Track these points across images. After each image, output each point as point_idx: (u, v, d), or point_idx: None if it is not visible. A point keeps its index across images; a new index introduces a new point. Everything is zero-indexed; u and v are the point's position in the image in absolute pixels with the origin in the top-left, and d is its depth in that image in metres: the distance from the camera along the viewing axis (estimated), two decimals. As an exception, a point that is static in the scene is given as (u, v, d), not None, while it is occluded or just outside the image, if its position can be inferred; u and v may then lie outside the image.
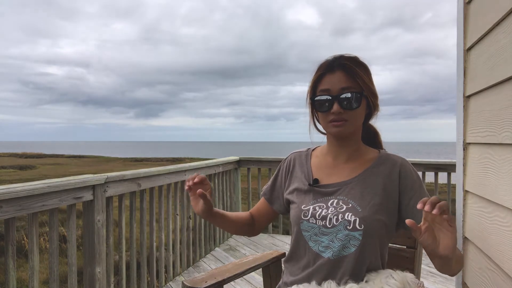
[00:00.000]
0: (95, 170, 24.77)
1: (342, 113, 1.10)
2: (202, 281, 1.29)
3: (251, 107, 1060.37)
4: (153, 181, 2.85)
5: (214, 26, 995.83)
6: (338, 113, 1.10)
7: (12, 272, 1.72)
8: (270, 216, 1.36)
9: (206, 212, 1.16)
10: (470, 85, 1.27)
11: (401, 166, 1.15)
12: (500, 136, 1.02)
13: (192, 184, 1.11)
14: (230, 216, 1.28)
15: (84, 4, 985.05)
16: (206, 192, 1.12)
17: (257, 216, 1.36)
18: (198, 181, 1.11)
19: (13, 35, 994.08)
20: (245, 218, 1.33)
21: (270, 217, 1.36)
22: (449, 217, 0.85)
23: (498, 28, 1.03)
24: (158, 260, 3.02)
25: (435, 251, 0.87)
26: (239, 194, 4.54)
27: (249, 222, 1.34)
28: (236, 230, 1.32)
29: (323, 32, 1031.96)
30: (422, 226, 0.87)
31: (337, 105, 1.09)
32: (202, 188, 1.13)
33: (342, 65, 1.11)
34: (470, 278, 1.27)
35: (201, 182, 1.12)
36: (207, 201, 1.13)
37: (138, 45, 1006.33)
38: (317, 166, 1.24)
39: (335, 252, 1.09)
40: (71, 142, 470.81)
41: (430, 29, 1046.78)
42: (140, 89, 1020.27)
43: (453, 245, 0.86)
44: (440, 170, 3.88)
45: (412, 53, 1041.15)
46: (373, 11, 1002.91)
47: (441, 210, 0.82)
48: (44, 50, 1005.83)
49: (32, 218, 1.83)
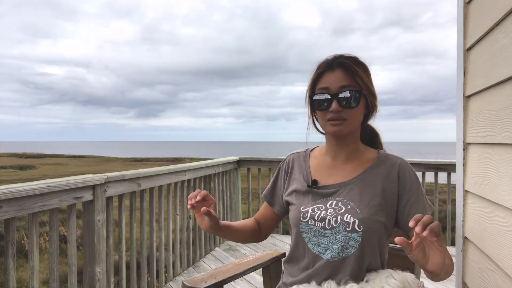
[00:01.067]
0: (95, 170, 24.74)
1: (341, 111, 1.09)
2: (202, 281, 1.29)
3: (251, 107, 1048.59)
4: (153, 181, 2.85)
5: (214, 26, 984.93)
6: (336, 112, 1.09)
7: (12, 272, 1.72)
8: (274, 219, 1.34)
9: (213, 228, 1.14)
10: (470, 85, 1.27)
11: (400, 167, 1.15)
12: (500, 136, 1.02)
13: (195, 203, 1.09)
14: (237, 226, 1.26)
15: (84, 4, 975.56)
16: (210, 208, 1.09)
17: (263, 221, 1.34)
18: (200, 199, 1.08)
19: (13, 35, 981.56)
20: (251, 226, 1.31)
21: (275, 221, 1.34)
22: (439, 240, 0.85)
23: (498, 28, 1.03)
24: (158, 260, 3.02)
25: (424, 267, 0.89)
26: (239, 194, 4.54)
27: (255, 229, 1.32)
28: (244, 239, 1.30)
29: (323, 32, 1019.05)
30: (413, 241, 0.86)
31: (335, 103, 1.09)
32: (205, 204, 1.10)
33: (342, 63, 1.11)
34: (470, 278, 1.27)
35: (203, 199, 1.09)
36: (212, 218, 1.10)
37: (138, 45, 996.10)
38: (316, 167, 1.24)
39: (334, 254, 1.08)
40: (71, 142, 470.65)
41: (429, 29, 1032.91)
42: (140, 89, 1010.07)
43: (441, 263, 0.87)
44: (440, 170, 3.88)
45: (412, 53, 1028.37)
46: (373, 11, 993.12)
47: (431, 232, 0.81)
48: (44, 50, 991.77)
49: (32, 218, 1.83)
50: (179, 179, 3.22)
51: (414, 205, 1.11)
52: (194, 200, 1.08)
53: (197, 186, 3.59)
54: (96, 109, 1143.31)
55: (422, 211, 1.11)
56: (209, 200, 1.11)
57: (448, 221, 3.93)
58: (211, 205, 1.11)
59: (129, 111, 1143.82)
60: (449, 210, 3.95)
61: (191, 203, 1.09)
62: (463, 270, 1.34)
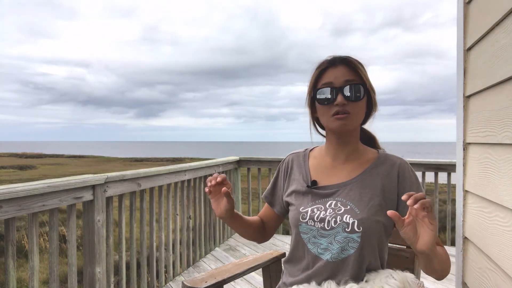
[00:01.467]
0: (95, 170, 24.76)
1: (346, 104, 1.09)
2: (202, 281, 1.29)
3: (251, 107, 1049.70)
4: (153, 181, 2.85)
5: (214, 26, 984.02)
6: (342, 105, 1.09)
7: (12, 272, 1.72)
8: (276, 220, 1.34)
9: (229, 212, 1.14)
10: (470, 85, 1.27)
11: (400, 167, 1.15)
12: (500, 136, 1.02)
13: (213, 185, 1.09)
14: (248, 219, 1.27)
15: (84, 4, 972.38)
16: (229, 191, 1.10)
17: (266, 221, 1.35)
18: (220, 181, 1.08)
19: (13, 35, 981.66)
20: (258, 222, 1.32)
21: (276, 221, 1.34)
22: (430, 215, 0.87)
23: (498, 28, 1.03)
24: (158, 260, 3.02)
25: (414, 245, 0.90)
26: (239, 194, 4.55)
27: (261, 226, 1.33)
28: (252, 234, 1.30)
29: (323, 33, 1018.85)
30: (406, 219, 0.89)
31: (341, 96, 1.08)
32: (223, 188, 1.11)
33: (344, 60, 1.13)
34: (470, 278, 1.27)
35: (222, 182, 1.10)
36: (230, 200, 1.11)
37: (138, 45, 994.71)
38: (315, 167, 1.24)
39: (334, 255, 1.08)
40: (71, 142, 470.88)
41: (429, 29, 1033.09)
42: (140, 89, 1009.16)
43: (431, 242, 0.88)
44: (440, 170, 3.88)
45: (411, 53, 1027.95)
46: (372, 11, 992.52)
47: (422, 206, 0.85)
48: (44, 50, 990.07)
49: (32, 218, 1.82)
50: (179, 179, 3.22)
51: None
52: (214, 181, 1.08)
53: (197, 186, 3.59)
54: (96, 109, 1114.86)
55: None
56: (227, 184, 1.11)
57: (448, 221, 3.93)
58: (229, 189, 1.10)
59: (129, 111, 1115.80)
60: (449, 210, 3.95)
61: (209, 186, 1.09)
62: (463, 270, 1.34)
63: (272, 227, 1.35)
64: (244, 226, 1.25)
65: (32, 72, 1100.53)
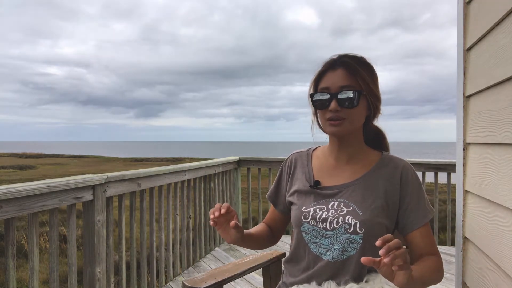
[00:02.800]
0: (95, 170, 24.75)
1: (339, 111, 1.08)
2: (202, 281, 1.29)
3: (251, 107, 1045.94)
4: (153, 181, 2.85)
5: (214, 26, 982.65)
6: (335, 111, 1.08)
7: (12, 272, 1.72)
8: (282, 220, 1.33)
9: (239, 239, 1.10)
10: (470, 85, 1.27)
11: (403, 170, 1.13)
12: (500, 136, 1.02)
13: (217, 217, 1.03)
14: (257, 234, 1.25)
15: (84, 5, 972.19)
16: (234, 220, 1.04)
17: (273, 225, 1.34)
18: (225, 212, 1.03)
19: (13, 35, 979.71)
20: (266, 231, 1.31)
21: (283, 222, 1.33)
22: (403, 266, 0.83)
23: (498, 28, 1.03)
24: (158, 260, 3.02)
25: (392, 281, 0.88)
26: (239, 194, 4.54)
27: (269, 234, 1.32)
28: (263, 245, 1.28)
29: (322, 33, 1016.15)
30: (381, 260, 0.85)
31: (334, 103, 1.08)
32: (228, 217, 1.06)
33: (345, 62, 1.10)
34: (470, 278, 1.27)
35: (227, 212, 1.04)
36: (239, 229, 1.07)
37: (137, 45, 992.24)
38: (318, 167, 1.23)
39: (335, 255, 1.08)
40: (71, 142, 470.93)
41: (429, 30, 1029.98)
42: (140, 89, 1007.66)
43: (405, 284, 0.85)
44: (440, 170, 3.88)
45: (411, 53, 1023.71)
46: (372, 11, 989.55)
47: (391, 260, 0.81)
48: (44, 50, 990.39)
49: (32, 218, 1.82)
50: (179, 179, 3.22)
51: (414, 209, 1.11)
52: (218, 213, 1.02)
53: (197, 186, 3.59)
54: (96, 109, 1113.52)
55: (422, 215, 1.11)
56: (231, 212, 1.05)
57: (448, 221, 3.93)
58: (233, 217, 1.06)
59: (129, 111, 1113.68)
60: (449, 210, 3.95)
61: (213, 218, 1.03)
62: (463, 270, 1.34)
63: (281, 229, 1.34)
64: (255, 242, 1.24)
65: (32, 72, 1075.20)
